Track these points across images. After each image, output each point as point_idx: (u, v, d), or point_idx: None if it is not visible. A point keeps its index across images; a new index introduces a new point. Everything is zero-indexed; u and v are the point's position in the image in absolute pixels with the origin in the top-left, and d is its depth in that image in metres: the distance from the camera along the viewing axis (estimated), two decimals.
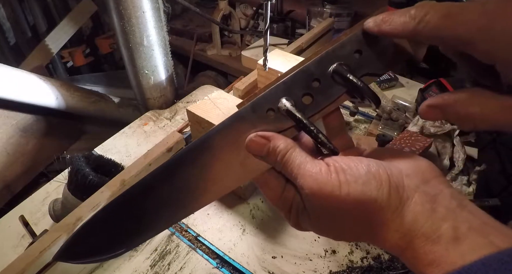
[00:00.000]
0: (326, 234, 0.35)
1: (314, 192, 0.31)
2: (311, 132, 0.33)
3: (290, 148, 0.33)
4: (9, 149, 1.08)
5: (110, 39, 1.67)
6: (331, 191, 0.30)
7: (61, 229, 0.54)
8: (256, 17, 1.58)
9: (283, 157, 0.32)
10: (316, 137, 0.33)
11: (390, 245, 0.31)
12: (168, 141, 0.68)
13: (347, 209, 0.31)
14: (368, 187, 0.30)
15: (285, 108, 0.33)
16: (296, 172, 0.32)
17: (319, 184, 0.30)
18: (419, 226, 0.29)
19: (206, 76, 1.65)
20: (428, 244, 0.28)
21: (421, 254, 0.28)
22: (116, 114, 1.21)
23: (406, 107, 0.91)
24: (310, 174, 0.31)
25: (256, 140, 0.33)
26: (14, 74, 0.98)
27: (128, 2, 0.78)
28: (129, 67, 0.93)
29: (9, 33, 1.51)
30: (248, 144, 0.33)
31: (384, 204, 0.30)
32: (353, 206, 0.30)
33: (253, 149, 0.33)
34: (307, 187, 0.31)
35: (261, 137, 0.33)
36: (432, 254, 0.28)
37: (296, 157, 0.32)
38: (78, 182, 0.61)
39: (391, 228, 0.30)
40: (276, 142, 0.33)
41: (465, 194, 0.74)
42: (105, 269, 0.63)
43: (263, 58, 0.71)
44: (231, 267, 0.62)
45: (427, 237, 0.29)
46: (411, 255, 0.29)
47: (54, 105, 1.07)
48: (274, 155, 0.33)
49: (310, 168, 0.31)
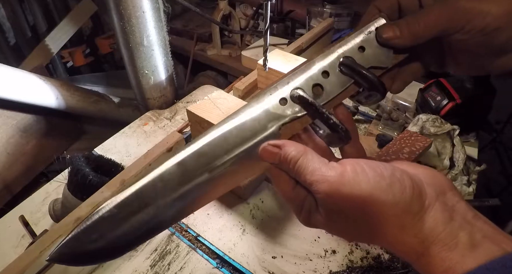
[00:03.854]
0: (339, 234, 0.35)
1: (331, 195, 0.31)
2: (323, 114, 0.34)
3: (301, 155, 0.33)
4: (9, 149, 1.08)
5: (110, 39, 1.67)
6: (350, 191, 0.30)
7: (61, 229, 0.53)
8: (256, 17, 1.58)
9: (295, 164, 0.32)
10: (328, 119, 0.34)
11: (406, 250, 0.31)
12: (168, 140, 0.68)
13: (365, 211, 0.30)
14: (391, 189, 0.30)
15: (297, 95, 0.34)
16: (310, 178, 0.32)
17: (337, 186, 0.30)
18: (437, 232, 0.30)
19: (206, 76, 1.65)
20: (444, 250, 0.29)
21: (437, 260, 0.29)
22: (116, 114, 1.21)
23: (406, 107, 0.91)
24: (325, 179, 0.31)
25: (268, 149, 0.34)
26: (14, 74, 0.98)
27: (128, 2, 0.78)
28: (129, 67, 0.93)
29: (9, 33, 1.51)
30: (261, 152, 0.34)
31: (406, 208, 0.30)
32: (372, 208, 0.30)
33: (266, 157, 0.34)
34: (323, 191, 0.31)
35: (272, 145, 0.34)
36: (448, 261, 0.28)
37: (308, 163, 0.32)
38: (78, 182, 0.61)
39: (410, 232, 0.30)
40: (287, 149, 0.33)
41: (465, 194, 0.74)
42: (105, 269, 0.63)
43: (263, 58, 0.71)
44: (231, 267, 0.62)
45: (444, 244, 0.29)
46: (426, 261, 0.29)
47: (54, 105, 1.07)
48: (286, 162, 0.33)
49: (325, 172, 0.31)
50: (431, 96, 0.89)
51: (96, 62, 1.78)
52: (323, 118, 0.34)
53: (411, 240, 0.30)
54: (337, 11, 1.43)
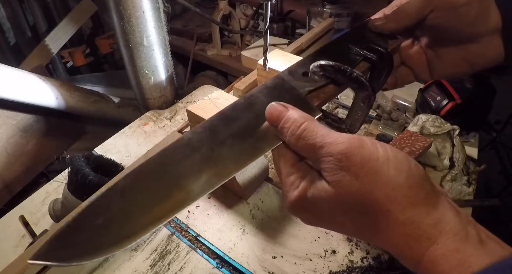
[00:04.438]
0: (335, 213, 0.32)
1: (349, 156, 0.29)
2: (346, 70, 0.38)
3: (307, 119, 0.32)
4: (9, 149, 1.08)
5: (110, 39, 1.67)
6: (368, 155, 0.29)
7: None
8: (256, 17, 1.58)
9: (300, 125, 0.32)
10: (351, 73, 0.37)
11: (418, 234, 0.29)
12: (168, 140, 0.68)
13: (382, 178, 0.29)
14: (408, 161, 0.30)
15: (318, 64, 0.39)
16: (321, 140, 0.31)
17: (354, 148, 0.29)
18: (448, 218, 0.29)
19: (206, 76, 1.65)
20: (457, 240, 0.28)
21: (452, 251, 0.28)
22: (116, 114, 1.21)
23: (406, 107, 0.91)
24: (342, 140, 0.30)
25: (276, 105, 0.34)
26: (14, 74, 0.98)
27: (128, 2, 0.78)
28: (129, 67, 0.93)
29: (9, 33, 1.51)
30: (268, 108, 0.34)
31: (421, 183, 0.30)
32: (392, 177, 0.29)
33: (271, 113, 0.34)
34: (339, 152, 0.30)
35: (281, 104, 0.34)
36: (462, 252, 0.27)
37: (316, 128, 0.32)
38: (78, 182, 0.61)
39: (423, 210, 0.29)
40: (293, 112, 0.33)
41: (465, 194, 0.74)
42: (105, 269, 0.63)
43: (263, 58, 0.71)
44: (231, 267, 0.62)
45: (456, 233, 0.28)
46: (440, 252, 0.28)
47: (54, 105, 1.07)
48: (289, 121, 0.33)
49: (339, 136, 0.31)
50: (431, 96, 0.89)
51: (96, 62, 1.78)
52: (346, 75, 0.38)
53: (424, 220, 0.29)
54: (337, 11, 1.43)
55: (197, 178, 0.33)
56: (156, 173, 0.33)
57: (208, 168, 0.33)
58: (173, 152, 0.34)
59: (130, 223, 0.31)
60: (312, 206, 0.33)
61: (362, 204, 0.30)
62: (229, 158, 0.34)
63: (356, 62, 0.42)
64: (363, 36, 0.44)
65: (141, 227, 0.31)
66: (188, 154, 0.34)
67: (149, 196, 0.32)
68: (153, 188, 0.33)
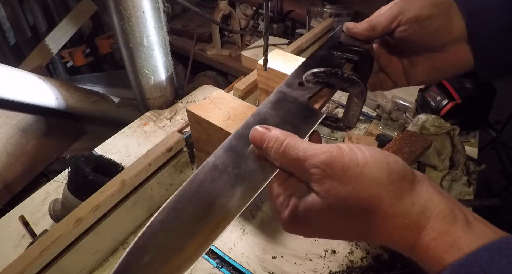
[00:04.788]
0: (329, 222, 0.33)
1: (331, 165, 0.31)
2: (337, 72, 0.43)
3: (288, 136, 0.34)
4: (9, 149, 1.08)
5: (110, 39, 1.67)
6: (348, 162, 0.31)
7: (61, 229, 0.53)
8: (256, 17, 1.58)
9: (282, 142, 0.34)
10: (342, 74, 0.42)
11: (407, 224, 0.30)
12: (168, 141, 0.68)
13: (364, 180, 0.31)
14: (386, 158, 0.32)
15: (311, 72, 0.44)
16: (303, 154, 0.32)
17: (335, 157, 0.31)
18: (434, 204, 0.30)
19: (206, 76, 1.65)
20: (446, 223, 0.29)
21: (442, 234, 0.29)
22: (116, 114, 1.21)
23: (406, 107, 0.91)
24: (322, 152, 0.32)
25: (258, 128, 0.36)
26: (14, 74, 0.98)
27: (128, 2, 0.78)
28: (129, 67, 0.93)
29: (9, 33, 1.51)
30: (252, 133, 0.36)
31: (401, 175, 0.31)
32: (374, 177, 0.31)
33: (254, 136, 0.36)
34: (321, 162, 0.31)
35: (263, 126, 0.36)
36: (452, 235, 0.29)
37: (297, 143, 0.34)
38: (78, 182, 0.61)
39: (408, 200, 0.31)
40: (274, 131, 0.35)
41: (465, 194, 0.74)
42: (105, 269, 0.63)
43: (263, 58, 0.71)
44: (231, 267, 0.62)
45: (444, 217, 0.30)
46: (431, 237, 0.29)
47: (54, 105, 1.07)
48: (272, 141, 0.34)
49: (319, 148, 0.32)
50: (431, 96, 0.89)
51: (96, 62, 1.78)
52: (338, 77, 0.43)
53: (411, 209, 0.30)
54: (337, 11, 1.43)
55: (232, 196, 0.34)
56: (191, 200, 0.34)
57: (239, 184, 0.35)
58: (202, 177, 0.36)
59: (176, 255, 0.32)
60: (305, 221, 0.34)
61: (351, 208, 0.31)
62: (256, 171, 0.36)
63: (341, 65, 0.46)
64: (340, 42, 0.49)
65: (188, 257, 0.32)
66: (216, 176, 0.35)
67: (189, 225, 0.33)
68: (191, 215, 0.33)
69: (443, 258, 0.28)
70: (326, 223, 0.33)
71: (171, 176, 0.71)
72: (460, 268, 0.27)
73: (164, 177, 0.69)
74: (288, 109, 0.41)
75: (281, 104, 0.42)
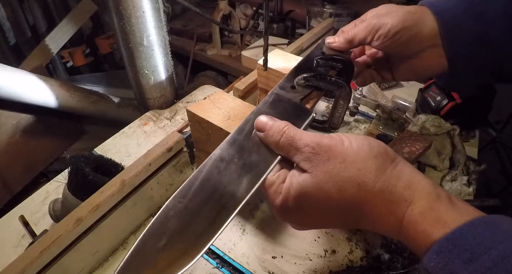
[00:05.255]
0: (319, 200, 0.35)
1: (320, 144, 0.35)
2: (325, 77, 0.49)
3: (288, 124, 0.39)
4: (9, 149, 1.08)
5: (110, 39, 1.67)
6: (334, 142, 0.35)
7: (61, 229, 0.53)
8: (256, 17, 1.58)
9: (282, 128, 0.38)
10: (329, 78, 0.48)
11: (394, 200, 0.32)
12: (168, 141, 0.68)
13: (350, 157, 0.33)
14: (367, 140, 0.35)
15: (302, 76, 0.49)
16: (299, 135, 0.37)
17: (323, 140, 0.35)
18: (418, 180, 0.33)
19: (206, 76, 1.65)
20: (431, 199, 0.31)
21: (427, 210, 0.31)
22: (116, 114, 1.21)
23: (406, 107, 0.91)
24: (314, 135, 0.36)
25: (263, 117, 0.41)
26: (14, 74, 0.98)
27: (128, 2, 0.78)
28: (129, 67, 0.93)
29: (9, 33, 1.51)
30: (257, 120, 0.41)
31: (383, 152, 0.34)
32: (355, 152, 0.34)
33: (258, 123, 0.40)
34: (311, 141, 0.35)
35: (267, 116, 0.41)
36: (437, 211, 0.31)
37: (296, 131, 0.38)
38: (78, 182, 0.61)
39: (393, 174, 0.33)
40: (278, 121, 0.40)
41: (465, 194, 0.74)
42: (105, 269, 0.63)
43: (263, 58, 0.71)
44: (231, 267, 0.62)
45: (428, 193, 0.32)
46: (417, 211, 0.31)
47: (54, 105, 1.07)
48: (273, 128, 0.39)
49: (312, 133, 0.37)
50: (431, 96, 0.89)
51: (96, 62, 1.78)
52: (326, 81, 0.48)
53: (397, 184, 0.32)
54: (337, 11, 1.43)
55: (239, 183, 0.38)
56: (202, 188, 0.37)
57: (246, 173, 0.39)
58: (210, 168, 0.39)
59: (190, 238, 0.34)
60: (298, 205, 0.36)
61: (339, 184, 0.34)
62: (260, 161, 0.40)
63: (327, 72, 0.52)
64: (323, 52, 0.56)
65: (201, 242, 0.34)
66: (224, 166, 0.39)
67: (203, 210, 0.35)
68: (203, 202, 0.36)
69: (430, 232, 0.30)
70: (318, 207, 0.36)
71: (171, 176, 0.71)
72: (448, 242, 0.28)
73: (164, 177, 0.69)
74: (284, 108, 0.46)
75: (277, 104, 0.47)
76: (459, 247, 0.27)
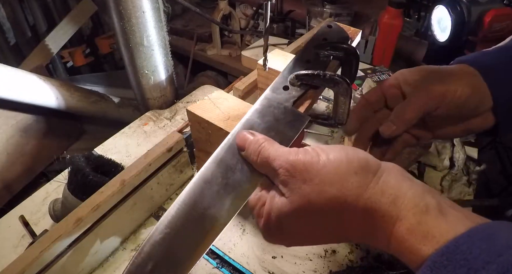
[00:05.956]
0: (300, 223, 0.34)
1: (295, 164, 0.32)
2: (319, 74, 0.43)
3: (267, 139, 0.37)
4: (9, 149, 1.08)
5: (110, 39, 1.67)
6: (310, 159, 0.32)
7: (61, 229, 0.53)
8: (256, 17, 1.58)
9: (260, 144, 0.36)
10: (324, 75, 0.42)
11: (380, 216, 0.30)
12: (168, 141, 0.68)
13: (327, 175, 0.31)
14: (344, 151, 0.32)
15: (294, 75, 0.44)
16: (274, 154, 0.34)
17: (298, 157, 0.33)
18: (403, 191, 0.30)
19: (206, 76, 1.65)
20: (418, 212, 0.29)
21: (415, 225, 0.29)
22: (116, 114, 1.21)
23: None
24: (289, 153, 0.34)
25: (244, 133, 0.38)
26: (14, 74, 0.98)
27: (128, 2, 0.78)
28: (129, 67, 0.93)
29: (9, 33, 1.51)
30: (238, 135, 0.38)
31: (364, 164, 0.32)
32: (333, 168, 0.31)
33: (239, 139, 0.38)
34: (286, 161, 0.33)
35: (249, 131, 0.38)
36: (425, 224, 0.28)
37: (272, 143, 0.36)
38: (78, 182, 0.61)
39: (376, 190, 0.30)
40: (258, 135, 0.37)
41: (465, 194, 0.74)
42: (105, 269, 0.63)
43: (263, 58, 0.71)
44: (231, 267, 0.62)
45: (415, 205, 0.29)
46: (405, 228, 0.29)
47: (54, 105, 1.07)
48: (252, 143, 0.36)
49: (287, 150, 0.34)
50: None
51: (96, 62, 1.78)
52: (320, 78, 0.42)
53: (381, 200, 0.30)
54: (337, 11, 1.43)
55: (222, 205, 0.36)
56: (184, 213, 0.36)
57: (228, 194, 0.36)
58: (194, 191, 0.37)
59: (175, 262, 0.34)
60: (279, 227, 0.35)
61: (320, 206, 0.32)
62: (243, 180, 0.37)
63: (327, 63, 0.47)
64: (325, 39, 0.50)
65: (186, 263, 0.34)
66: (206, 187, 0.37)
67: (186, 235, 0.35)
68: (186, 227, 0.35)
69: (418, 248, 0.28)
70: (300, 227, 0.34)
71: (171, 176, 0.71)
72: (442, 256, 0.26)
73: (164, 177, 0.69)
74: (274, 116, 0.42)
75: (267, 111, 0.43)
76: (454, 263, 0.25)
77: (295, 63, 0.48)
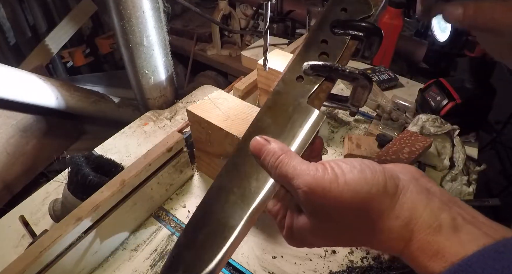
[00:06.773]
0: (322, 238, 0.35)
1: (312, 188, 0.31)
2: (338, 68, 0.38)
3: (284, 152, 0.35)
4: (9, 149, 1.08)
5: (110, 39, 1.67)
6: (329, 184, 0.31)
7: (61, 229, 0.53)
8: (256, 17, 1.58)
9: (278, 157, 0.34)
10: (343, 70, 0.38)
11: (393, 237, 0.31)
12: (168, 141, 0.68)
13: (346, 201, 0.31)
14: (363, 175, 0.31)
15: (309, 65, 0.39)
16: (292, 172, 0.33)
17: (317, 179, 0.31)
18: (418, 213, 0.30)
19: (206, 76, 1.65)
20: (430, 233, 0.29)
21: (425, 244, 0.29)
22: (116, 114, 1.21)
23: (406, 107, 0.91)
24: (307, 173, 0.32)
25: (259, 139, 0.36)
26: (14, 74, 0.98)
27: (128, 2, 0.78)
28: (129, 67, 0.93)
29: (9, 33, 1.51)
30: (252, 142, 0.36)
31: (382, 190, 0.31)
32: (351, 195, 0.31)
33: (254, 147, 0.36)
34: (304, 184, 0.32)
35: (263, 138, 0.36)
36: (436, 244, 0.28)
37: (291, 158, 0.34)
38: (78, 182, 0.61)
39: (391, 215, 0.31)
40: (274, 144, 0.35)
41: (465, 194, 0.74)
42: (105, 269, 0.63)
43: (263, 58, 0.71)
44: (231, 267, 0.62)
45: (428, 226, 0.29)
46: (415, 247, 0.29)
47: (54, 105, 1.07)
48: (269, 154, 0.35)
49: (306, 168, 0.33)
50: (431, 96, 0.89)
51: (96, 62, 1.78)
52: (339, 73, 0.38)
53: (395, 223, 0.30)
54: None
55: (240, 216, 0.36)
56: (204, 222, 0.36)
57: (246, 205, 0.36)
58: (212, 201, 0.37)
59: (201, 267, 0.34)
60: (302, 238, 0.36)
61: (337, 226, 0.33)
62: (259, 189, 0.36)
63: (345, 45, 0.40)
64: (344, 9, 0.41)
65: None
66: (224, 197, 0.36)
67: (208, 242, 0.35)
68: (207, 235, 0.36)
69: (427, 266, 0.28)
70: (322, 240, 0.35)
71: (171, 176, 0.71)
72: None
73: (164, 177, 0.69)
74: (287, 115, 0.38)
75: (279, 108, 0.39)
76: None
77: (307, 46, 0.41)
